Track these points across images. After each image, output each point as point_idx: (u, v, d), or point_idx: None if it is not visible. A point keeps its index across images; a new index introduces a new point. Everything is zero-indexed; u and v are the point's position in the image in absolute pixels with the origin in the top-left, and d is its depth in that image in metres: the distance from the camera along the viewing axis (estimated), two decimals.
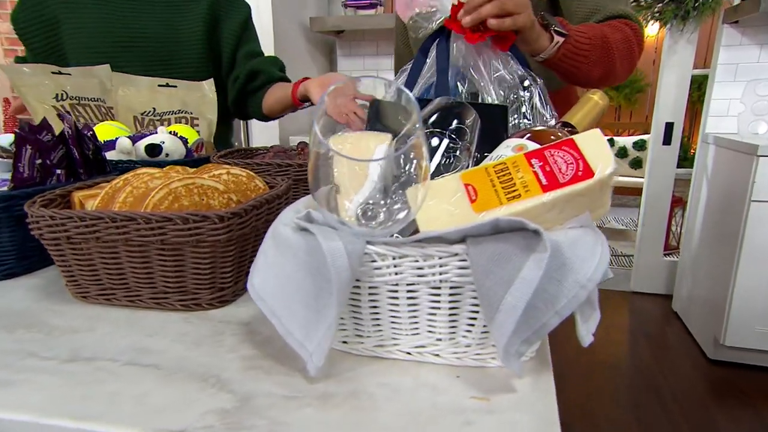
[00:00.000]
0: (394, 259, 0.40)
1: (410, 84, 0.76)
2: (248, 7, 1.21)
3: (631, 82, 5.09)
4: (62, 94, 0.93)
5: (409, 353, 0.44)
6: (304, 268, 0.41)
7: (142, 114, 1.01)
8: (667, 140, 2.87)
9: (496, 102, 0.70)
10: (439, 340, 0.43)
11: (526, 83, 0.73)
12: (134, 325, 0.51)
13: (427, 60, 0.76)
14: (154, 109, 1.02)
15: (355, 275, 0.39)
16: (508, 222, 0.37)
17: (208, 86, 1.06)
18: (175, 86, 1.05)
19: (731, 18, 2.32)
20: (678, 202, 3.61)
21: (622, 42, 0.89)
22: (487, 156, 0.58)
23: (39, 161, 0.63)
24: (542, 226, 0.40)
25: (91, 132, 0.74)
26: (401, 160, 0.52)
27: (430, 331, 0.43)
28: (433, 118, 0.58)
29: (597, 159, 0.40)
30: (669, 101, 2.81)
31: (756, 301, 2.07)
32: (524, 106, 0.72)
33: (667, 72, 2.78)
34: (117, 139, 0.82)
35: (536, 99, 0.73)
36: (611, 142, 4.60)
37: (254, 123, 2.39)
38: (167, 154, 0.83)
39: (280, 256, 0.43)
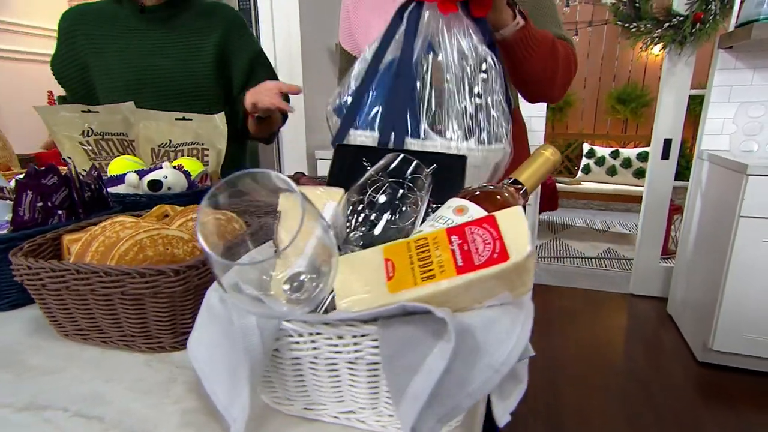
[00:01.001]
0: (310, 335, 0.36)
1: (384, 45, 0.70)
2: (257, 45, 1.19)
3: (637, 97, 4.86)
4: (89, 131, 0.93)
5: (336, 417, 0.40)
6: (230, 338, 0.38)
7: (159, 146, 0.99)
8: (665, 155, 2.71)
9: (454, 78, 0.65)
10: (363, 408, 0.39)
11: (484, 66, 0.67)
12: (101, 366, 0.49)
13: (402, 25, 0.70)
14: (170, 140, 1.00)
15: (268, 351, 0.35)
16: (415, 308, 0.33)
17: (220, 119, 1.04)
18: (191, 119, 1.03)
19: (726, 43, 2.16)
20: (677, 210, 3.43)
21: (564, 55, 0.85)
22: (431, 211, 0.53)
23: (40, 204, 0.62)
24: (458, 306, 0.35)
25: (96, 172, 0.73)
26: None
27: (353, 400, 0.39)
28: (393, 165, 0.54)
29: (515, 241, 0.35)
30: (668, 119, 2.66)
31: (744, 309, 1.94)
32: (477, 87, 0.67)
33: (666, 91, 2.63)
34: (127, 173, 0.81)
35: (492, 82, 0.67)
36: (616, 153, 4.41)
37: (283, 140, 2.38)
38: (169, 188, 0.81)
39: (210, 320, 0.40)
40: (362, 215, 0.50)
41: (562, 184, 4.31)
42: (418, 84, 0.66)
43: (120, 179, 0.82)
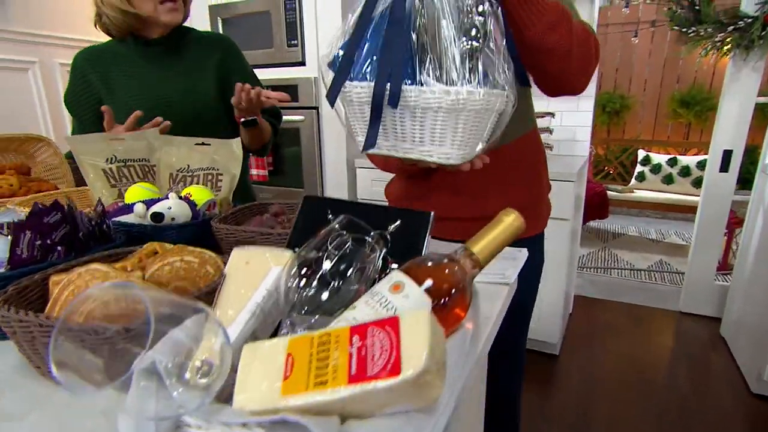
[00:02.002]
0: (202, 428, 0.34)
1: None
2: (251, 68, 1.30)
3: (703, 99, 4.43)
4: (112, 158, 0.97)
5: None
6: None
7: (177, 170, 1.02)
8: (724, 167, 2.45)
9: (450, 22, 0.61)
10: None
11: (481, 9, 0.62)
12: (61, 416, 0.50)
13: None
14: (188, 165, 1.02)
15: None
16: (296, 422, 0.30)
17: (236, 144, 1.05)
18: (209, 144, 1.05)
19: None
20: (739, 223, 3.11)
21: (582, 34, 0.75)
22: (390, 270, 0.50)
23: (39, 242, 0.64)
24: (356, 412, 0.32)
25: (101, 207, 0.75)
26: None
27: None
28: (344, 227, 0.50)
29: (413, 352, 0.30)
30: (729, 128, 2.40)
31: None
32: (474, 29, 0.62)
33: (728, 99, 2.37)
34: (135, 204, 0.83)
35: (490, 25, 0.62)
36: (674, 161, 4.05)
37: (325, 150, 2.39)
38: (173, 218, 0.82)
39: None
40: (308, 280, 0.47)
41: (614, 192, 4.03)
42: (413, 29, 0.62)
43: (131, 208, 0.84)
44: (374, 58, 0.65)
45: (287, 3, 2.27)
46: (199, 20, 2.43)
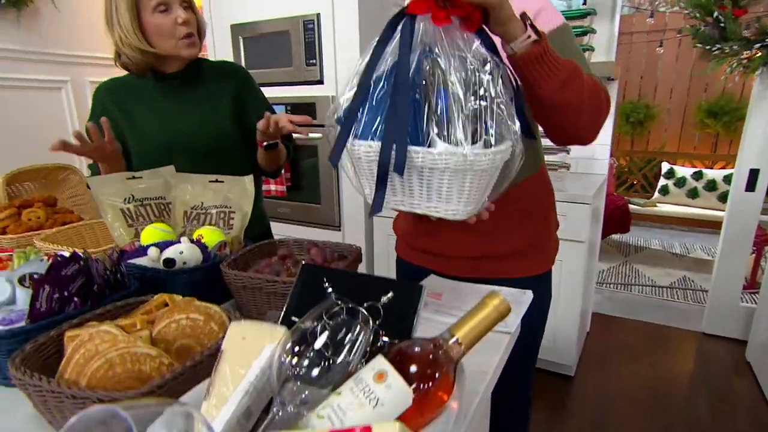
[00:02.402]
0: None
1: (375, 59, 0.67)
2: (263, 94, 1.32)
3: (733, 109, 4.28)
4: (130, 197, 1.01)
5: None
6: None
7: (191, 208, 1.05)
8: (750, 186, 2.38)
9: (456, 81, 0.62)
10: None
11: (488, 67, 0.64)
12: None
13: (395, 36, 0.67)
14: (202, 203, 1.06)
15: None
16: None
17: (248, 181, 1.08)
18: (222, 181, 1.08)
19: None
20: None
21: (592, 88, 0.75)
22: (381, 343, 0.51)
23: (57, 295, 0.68)
24: None
25: (116, 255, 0.78)
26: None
27: None
28: (334, 308, 0.52)
29: None
30: (755, 147, 2.33)
31: None
32: (482, 89, 0.63)
33: (755, 117, 2.30)
34: (149, 247, 0.86)
35: (498, 84, 0.64)
36: (699, 174, 3.93)
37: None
38: (184, 262, 0.85)
39: None
40: (300, 359, 0.49)
41: (636, 205, 3.94)
42: (418, 89, 0.64)
43: (147, 250, 0.88)
44: (380, 117, 0.66)
45: (306, 23, 2.30)
46: (221, 39, 2.49)
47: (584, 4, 2.41)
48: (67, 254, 0.73)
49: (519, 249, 1.00)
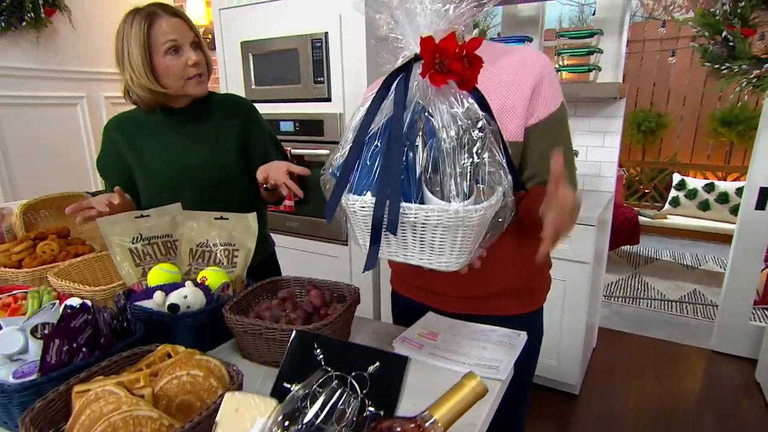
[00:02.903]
0: None
1: (370, 116, 0.70)
2: (268, 126, 1.35)
3: (747, 118, 4.22)
4: (138, 237, 1.04)
5: None
6: None
7: (197, 245, 1.09)
8: (760, 205, 2.35)
9: (449, 139, 0.65)
10: None
11: (480, 125, 0.66)
12: None
13: (390, 95, 0.70)
14: (207, 240, 1.09)
15: None
16: None
17: (252, 219, 1.11)
18: (227, 218, 1.11)
19: None
20: None
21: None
22: (367, 414, 0.53)
23: (66, 348, 0.72)
24: None
25: (122, 303, 0.82)
26: None
27: None
28: (321, 380, 0.54)
29: None
30: (766, 165, 2.30)
31: None
32: (476, 146, 0.66)
33: (765, 135, 2.27)
34: (155, 291, 0.90)
35: (487, 142, 0.67)
36: (711, 186, 3.87)
37: None
38: (188, 306, 0.89)
39: None
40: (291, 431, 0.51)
41: (645, 217, 3.90)
42: (412, 146, 0.66)
43: (152, 293, 0.91)
44: (374, 173, 0.68)
45: (314, 42, 2.33)
46: (231, 56, 2.54)
47: (594, 14, 2.41)
48: (77, 304, 0.76)
49: (512, 287, 1.02)
